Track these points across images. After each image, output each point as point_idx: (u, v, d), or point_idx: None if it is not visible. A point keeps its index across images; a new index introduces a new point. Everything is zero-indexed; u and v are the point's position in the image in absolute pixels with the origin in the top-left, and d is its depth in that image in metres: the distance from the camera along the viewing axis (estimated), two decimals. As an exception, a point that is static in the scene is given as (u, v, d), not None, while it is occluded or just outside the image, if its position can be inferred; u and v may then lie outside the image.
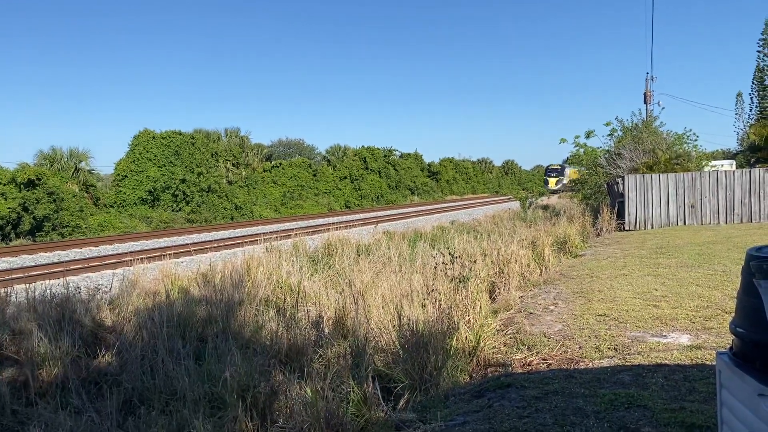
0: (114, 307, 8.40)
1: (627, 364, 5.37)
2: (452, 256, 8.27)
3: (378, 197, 53.28)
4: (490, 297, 8.77)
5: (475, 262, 8.83)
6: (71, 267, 12.86)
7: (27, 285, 9.17)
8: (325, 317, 8.27)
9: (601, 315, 7.29)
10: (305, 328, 7.77)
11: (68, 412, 5.51)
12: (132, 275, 9.97)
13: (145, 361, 6.66)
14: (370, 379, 5.45)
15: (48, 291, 8.38)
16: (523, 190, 45.26)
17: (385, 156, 58.54)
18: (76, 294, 8.52)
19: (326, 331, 7.73)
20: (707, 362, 5.17)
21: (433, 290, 7.63)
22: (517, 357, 6.05)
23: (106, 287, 9.71)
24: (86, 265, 13.96)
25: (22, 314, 7.63)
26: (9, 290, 8.71)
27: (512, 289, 9.16)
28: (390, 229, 20.32)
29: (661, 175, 20.00)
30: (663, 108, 31.91)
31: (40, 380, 6.48)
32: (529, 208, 28.78)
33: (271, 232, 17.89)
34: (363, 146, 57.24)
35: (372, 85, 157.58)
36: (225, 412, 5.35)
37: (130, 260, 11.75)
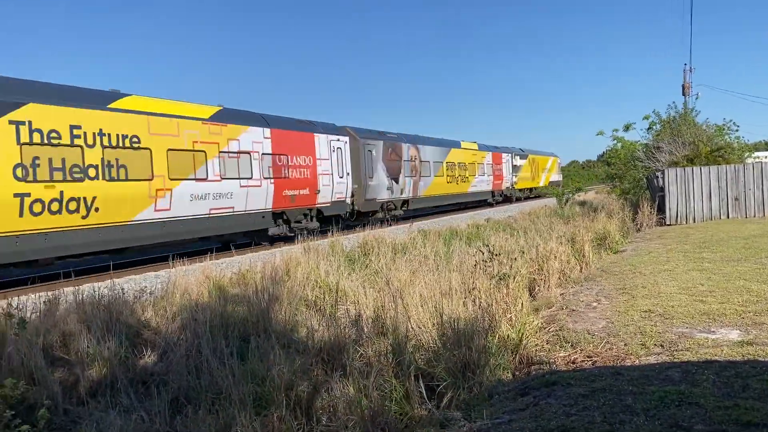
0: (158, 308, 8.55)
1: (675, 360, 5.26)
2: (492, 253, 8.21)
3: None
4: (530, 294, 8.68)
5: (516, 259, 8.75)
6: (116, 269, 13.18)
7: (75, 287, 9.42)
8: (363, 316, 8.28)
9: (645, 311, 7.16)
10: (345, 326, 7.81)
11: (118, 411, 5.63)
12: (174, 276, 10.16)
13: (189, 360, 6.76)
14: (412, 377, 5.46)
15: (96, 293, 8.61)
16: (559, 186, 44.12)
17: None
18: (121, 295, 8.72)
19: (365, 329, 7.74)
20: (760, 358, 5.03)
21: (473, 288, 7.59)
22: (560, 355, 5.98)
23: (150, 289, 9.91)
24: (130, 268, 14.28)
25: (71, 316, 7.83)
26: (58, 292, 8.95)
27: (552, 286, 9.06)
28: (425, 227, 20.26)
29: (702, 167, 19.54)
30: (698, 97, 31.03)
31: (90, 380, 6.64)
32: (565, 204, 28.38)
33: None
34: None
35: (395, 81, 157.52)
36: (269, 411, 5.41)
37: (173, 262, 11.96)
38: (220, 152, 16.67)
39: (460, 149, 33.89)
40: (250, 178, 17.68)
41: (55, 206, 12.27)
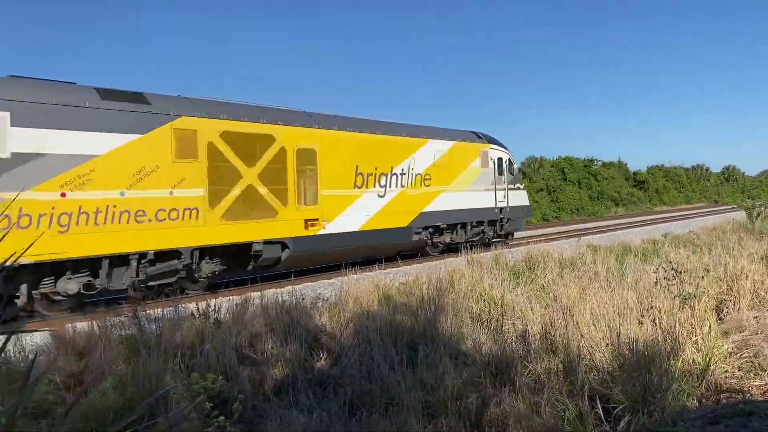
0: (332, 314, 9.06)
1: None
2: (675, 271, 7.68)
3: (577, 209, 51.06)
4: (718, 317, 7.97)
5: (703, 278, 8.10)
6: (296, 277, 14.23)
7: (260, 292, 10.31)
8: (530, 331, 8.13)
9: None
10: (511, 341, 7.72)
11: (299, 410, 6.05)
12: (346, 285, 10.71)
13: (362, 366, 7.08)
14: (586, 397, 5.27)
15: (278, 298, 9.35)
16: (749, 198, 38.20)
17: (585, 166, 56.01)
18: (300, 301, 9.37)
19: (533, 345, 7.59)
20: None
21: (651, 307, 7.15)
22: (755, 383, 5.45)
23: (324, 296, 10.54)
24: (306, 276, 15.33)
25: (257, 319, 8.56)
26: (246, 297, 9.84)
27: (744, 308, 8.24)
28: (594, 242, 19.38)
29: None
30: None
31: (273, 379, 7.20)
32: (757, 218, 25.58)
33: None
34: (560, 156, 55.30)
35: (572, 93, 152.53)
36: (438, 420, 5.51)
37: (344, 271, 12.64)
38: None
39: None
40: None
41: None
